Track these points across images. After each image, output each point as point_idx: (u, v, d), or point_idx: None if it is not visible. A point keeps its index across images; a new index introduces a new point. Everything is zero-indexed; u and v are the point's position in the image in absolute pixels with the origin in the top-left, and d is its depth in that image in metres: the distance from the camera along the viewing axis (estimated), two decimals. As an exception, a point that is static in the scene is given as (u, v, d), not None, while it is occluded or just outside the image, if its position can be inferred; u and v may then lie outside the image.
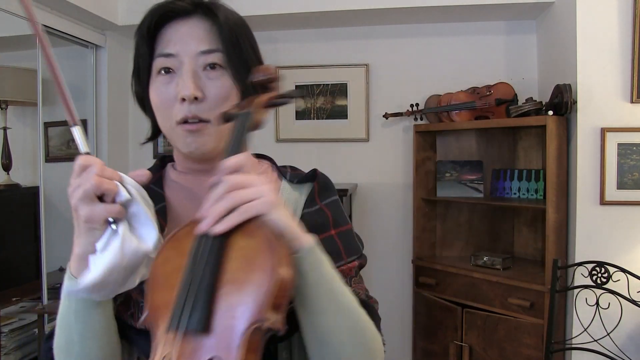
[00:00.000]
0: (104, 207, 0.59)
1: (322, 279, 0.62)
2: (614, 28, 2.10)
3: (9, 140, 2.63)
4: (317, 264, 0.62)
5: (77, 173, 0.60)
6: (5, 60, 2.67)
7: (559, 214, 2.14)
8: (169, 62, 0.71)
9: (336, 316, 0.63)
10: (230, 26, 0.71)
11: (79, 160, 0.61)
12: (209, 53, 0.70)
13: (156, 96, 0.72)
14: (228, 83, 0.71)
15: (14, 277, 2.60)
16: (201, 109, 0.69)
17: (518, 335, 2.14)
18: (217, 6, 0.73)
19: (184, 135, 0.71)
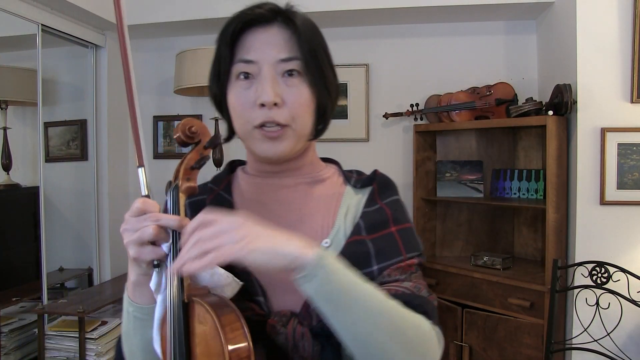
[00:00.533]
0: (152, 251, 0.64)
1: (339, 289, 0.60)
2: (614, 28, 2.10)
3: (9, 140, 2.63)
4: (329, 276, 0.60)
5: (134, 213, 0.65)
6: (5, 60, 2.67)
7: (559, 214, 2.14)
8: (248, 68, 0.74)
9: (366, 322, 0.61)
10: (308, 35, 0.74)
11: (138, 203, 0.65)
12: (287, 61, 0.73)
13: (235, 100, 0.75)
14: (305, 90, 0.74)
15: (14, 277, 2.60)
16: (280, 115, 0.72)
17: (518, 335, 2.14)
18: (295, 14, 0.76)
19: (262, 140, 0.74)
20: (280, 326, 0.70)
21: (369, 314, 0.61)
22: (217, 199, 0.81)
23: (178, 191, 0.67)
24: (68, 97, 2.98)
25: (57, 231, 2.75)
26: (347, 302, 0.61)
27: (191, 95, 2.92)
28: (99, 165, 2.89)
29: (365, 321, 0.61)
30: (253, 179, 0.83)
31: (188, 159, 0.70)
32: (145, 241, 0.63)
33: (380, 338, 0.62)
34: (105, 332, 2.31)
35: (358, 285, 0.63)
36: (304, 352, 0.69)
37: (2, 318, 2.39)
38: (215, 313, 0.60)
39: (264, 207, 0.80)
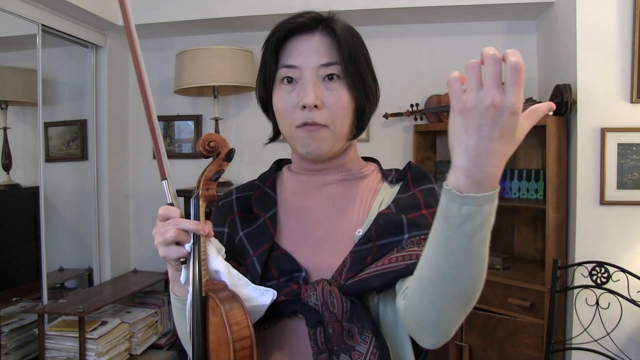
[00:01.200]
0: (176, 250, 0.72)
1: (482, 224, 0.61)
2: (614, 28, 2.10)
3: (9, 140, 2.63)
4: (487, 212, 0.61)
5: (160, 219, 0.74)
6: (5, 60, 2.67)
7: (559, 214, 2.14)
8: (291, 73, 0.80)
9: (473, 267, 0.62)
10: (348, 41, 0.81)
11: (161, 210, 0.74)
12: (328, 65, 0.80)
13: (279, 102, 0.82)
14: (345, 93, 0.80)
15: (14, 277, 2.60)
16: (320, 116, 0.79)
17: (518, 335, 2.14)
18: (335, 22, 0.82)
19: (303, 137, 0.80)
20: (312, 289, 0.76)
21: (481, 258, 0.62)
22: (263, 195, 0.89)
23: (198, 199, 0.76)
24: (68, 97, 2.98)
25: (57, 231, 2.75)
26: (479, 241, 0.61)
27: (191, 95, 2.92)
28: (99, 165, 2.89)
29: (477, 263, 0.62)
30: (297, 177, 0.90)
31: (207, 171, 0.78)
32: (169, 242, 0.71)
33: (472, 282, 0.62)
34: (105, 332, 2.31)
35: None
36: (333, 308, 0.75)
37: (2, 318, 2.39)
38: (223, 307, 0.69)
39: (305, 203, 0.87)
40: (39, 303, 2.43)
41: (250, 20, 2.67)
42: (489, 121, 0.53)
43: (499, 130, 0.53)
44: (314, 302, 0.75)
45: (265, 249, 0.81)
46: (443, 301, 0.63)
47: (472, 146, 0.54)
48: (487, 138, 0.53)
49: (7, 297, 2.45)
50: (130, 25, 0.80)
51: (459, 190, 0.56)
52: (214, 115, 2.72)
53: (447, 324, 0.66)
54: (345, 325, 0.74)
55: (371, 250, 0.77)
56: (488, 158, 0.54)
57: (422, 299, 0.65)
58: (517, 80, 0.53)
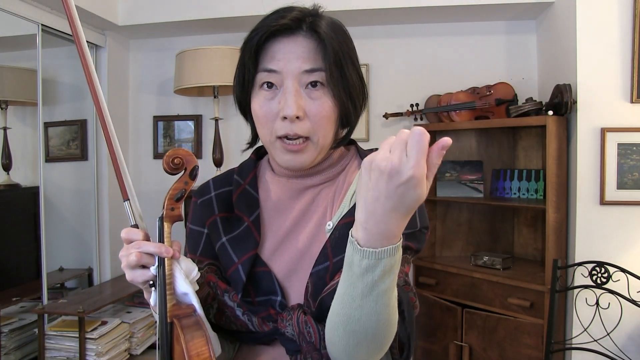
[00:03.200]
0: (141, 274, 0.70)
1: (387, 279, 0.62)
2: (614, 28, 2.10)
3: (9, 140, 2.63)
4: (387, 267, 0.62)
5: (124, 242, 0.72)
6: (5, 60, 2.67)
7: (559, 214, 2.14)
8: (272, 78, 0.75)
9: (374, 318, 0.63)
10: (333, 44, 0.74)
11: (123, 233, 0.72)
12: (311, 72, 0.74)
13: (259, 109, 0.77)
14: (329, 102, 0.75)
15: (14, 277, 2.60)
16: (302, 128, 0.74)
17: (518, 335, 2.14)
18: (320, 20, 0.76)
19: (283, 152, 0.77)
20: (288, 318, 0.74)
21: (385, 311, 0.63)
22: (244, 194, 0.85)
23: (162, 220, 0.73)
24: (68, 97, 2.98)
25: (57, 231, 2.75)
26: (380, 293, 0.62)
27: (191, 95, 2.92)
28: (99, 165, 2.89)
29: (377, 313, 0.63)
30: (278, 178, 0.86)
31: (172, 190, 0.74)
32: (133, 266, 0.69)
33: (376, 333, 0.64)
34: (105, 332, 2.31)
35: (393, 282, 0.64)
36: (310, 337, 0.73)
37: (2, 318, 2.39)
38: (184, 337, 0.68)
39: (284, 205, 0.84)
40: (39, 303, 2.43)
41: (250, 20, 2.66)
42: (387, 183, 0.53)
43: (395, 194, 0.53)
44: (291, 332, 0.74)
45: (250, 256, 0.78)
46: (351, 339, 0.64)
47: (369, 202, 0.55)
48: (382, 197, 0.54)
49: (7, 297, 2.45)
50: (78, 31, 0.80)
51: (359, 243, 0.58)
52: (214, 115, 2.72)
53: (356, 356, 0.67)
54: (323, 352, 0.72)
55: (328, 268, 0.74)
56: (382, 216, 0.55)
57: (332, 334, 0.67)
58: (419, 148, 0.51)
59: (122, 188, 0.74)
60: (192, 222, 0.87)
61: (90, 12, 2.51)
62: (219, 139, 2.71)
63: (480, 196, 2.56)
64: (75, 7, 0.77)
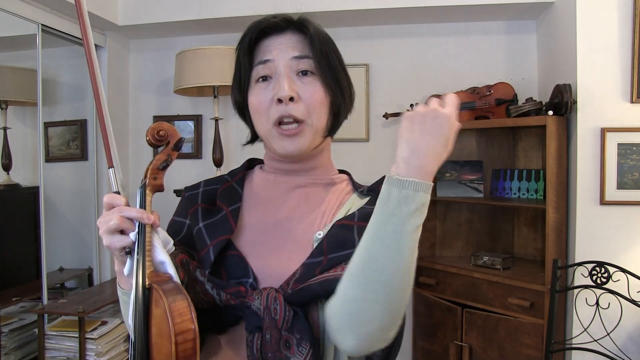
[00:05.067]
0: (120, 239, 0.71)
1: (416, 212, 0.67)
2: (614, 28, 2.10)
3: (9, 140, 2.63)
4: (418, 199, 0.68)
5: (105, 208, 0.73)
6: (5, 60, 2.67)
7: (559, 214, 2.14)
8: (266, 69, 0.81)
9: (401, 249, 0.65)
10: (319, 38, 0.82)
11: (106, 198, 0.73)
12: (301, 59, 0.80)
13: (255, 99, 0.82)
14: (319, 87, 0.81)
15: (14, 277, 2.59)
16: (296, 110, 0.79)
17: (518, 335, 2.14)
18: (307, 22, 0.83)
19: (280, 138, 0.80)
20: (257, 294, 0.75)
21: (409, 248, 0.66)
22: (229, 189, 0.89)
23: (145, 188, 0.75)
24: (68, 97, 2.98)
25: (57, 231, 2.74)
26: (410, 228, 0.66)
27: (191, 95, 2.92)
28: (99, 165, 2.89)
29: (402, 249, 0.65)
30: (266, 175, 0.89)
31: (156, 160, 0.76)
32: (113, 230, 0.70)
33: (401, 269, 0.65)
34: (105, 332, 2.31)
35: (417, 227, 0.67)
36: (275, 314, 0.73)
37: (2, 318, 2.39)
38: (167, 299, 0.67)
39: (270, 202, 0.86)
40: (39, 303, 2.43)
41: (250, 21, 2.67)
42: (429, 120, 0.66)
43: (438, 134, 0.66)
44: (257, 306, 0.74)
45: (223, 239, 0.80)
46: (367, 290, 0.65)
47: (413, 140, 0.66)
48: (426, 136, 0.66)
49: (7, 297, 2.45)
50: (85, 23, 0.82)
51: (399, 176, 0.65)
52: (214, 115, 2.72)
53: (368, 320, 0.66)
54: (284, 334, 0.73)
55: (321, 262, 0.76)
56: (425, 150, 0.66)
57: (346, 287, 0.67)
58: (455, 104, 0.69)
59: (107, 156, 0.76)
60: (176, 215, 0.90)
61: (90, 12, 2.50)
62: (219, 139, 2.71)
63: (480, 196, 2.56)
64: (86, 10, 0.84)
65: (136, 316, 0.70)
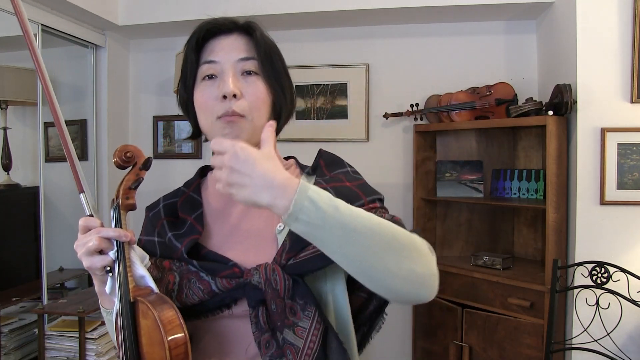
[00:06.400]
0: (100, 259, 0.74)
1: (325, 219, 0.65)
2: (614, 28, 2.10)
3: (9, 140, 2.63)
4: (312, 216, 0.65)
5: (81, 231, 0.76)
6: (5, 60, 2.67)
7: (559, 214, 2.14)
8: (212, 69, 0.84)
9: (358, 243, 0.66)
10: (264, 42, 0.86)
11: (81, 221, 0.77)
12: (246, 60, 0.84)
13: (200, 96, 0.85)
14: (262, 87, 0.84)
15: (14, 277, 2.59)
16: (239, 106, 0.82)
17: (518, 335, 2.14)
18: (253, 26, 0.87)
19: (223, 127, 0.82)
20: (254, 270, 0.78)
21: (360, 231, 0.66)
22: (188, 199, 0.92)
23: (119, 209, 0.79)
24: (68, 97, 2.98)
25: (57, 231, 2.74)
26: (336, 226, 0.65)
27: (191, 95, 2.92)
28: (99, 165, 2.89)
29: (357, 241, 0.66)
30: None
31: (126, 180, 0.80)
32: (92, 251, 0.74)
33: (378, 250, 0.67)
34: (105, 332, 2.31)
35: (342, 206, 0.67)
36: (276, 285, 0.76)
37: (2, 318, 2.39)
38: (155, 310, 0.71)
39: (227, 204, 0.89)
40: (39, 303, 2.43)
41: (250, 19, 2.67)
42: (240, 167, 0.67)
43: (246, 169, 0.67)
44: (257, 280, 0.76)
45: (193, 239, 0.83)
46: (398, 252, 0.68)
47: (251, 188, 0.67)
48: (250, 176, 0.67)
49: (7, 297, 2.45)
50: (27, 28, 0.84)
51: (283, 217, 0.66)
52: (214, 115, 2.72)
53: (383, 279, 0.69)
54: (287, 302, 0.76)
55: None
56: (264, 182, 0.66)
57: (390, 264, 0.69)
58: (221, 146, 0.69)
59: (77, 181, 0.80)
60: (144, 235, 0.93)
61: (90, 12, 2.51)
62: (219, 139, 2.71)
63: (480, 196, 2.57)
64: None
65: (124, 330, 0.73)
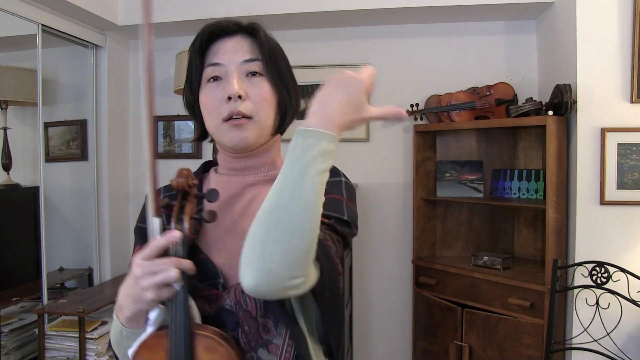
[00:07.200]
0: (168, 291, 0.71)
1: (301, 156, 0.68)
2: (614, 28, 2.10)
3: (9, 140, 2.63)
4: (303, 146, 0.68)
5: (148, 257, 0.71)
6: (5, 60, 2.67)
7: (559, 214, 2.14)
8: (217, 71, 0.85)
9: (296, 201, 0.67)
10: (269, 43, 0.87)
11: (163, 240, 0.72)
12: (250, 62, 0.85)
13: (206, 98, 0.86)
14: (267, 87, 0.85)
15: (14, 277, 2.60)
16: (244, 107, 0.83)
17: (518, 335, 2.14)
18: (257, 27, 0.88)
19: (229, 130, 0.83)
20: (227, 294, 0.79)
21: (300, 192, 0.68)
22: None
23: (188, 244, 0.76)
24: (68, 97, 2.98)
25: (57, 231, 2.74)
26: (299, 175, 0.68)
27: (191, 95, 2.92)
28: (99, 165, 2.89)
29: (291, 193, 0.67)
30: (220, 177, 0.92)
31: (189, 208, 0.78)
32: (167, 283, 0.70)
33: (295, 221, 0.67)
34: (106, 332, 2.31)
35: (311, 171, 0.69)
36: (246, 306, 0.77)
37: (2, 318, 2.39)
38: (228, 344, 0.72)
39: (226, 204, 0.89)
40: (39, 303, 2.43)
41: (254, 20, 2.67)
42: (341, 83, 0.72)
43: (346, 92, 0.71)
44: (229, 304, 0.78)
45: (191, 238, 0.83)
46: (270, 229, 0.67)
47: (323, 97, 0.71)
48: (335, 94, 0.71)
49: (7, 297, 2.45)
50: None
51: (305, 126, 0.69)
52: (214, 115, 2.72)
53: (268, 258, 0.66)
54: (260, 320, 0.78)
55: None
56: (332, 105, 0.70)
57: (252, 229, 0.69)
58: (370, 73, 0.75)
59: (155, 203, 0.77)
60: (140, 221, 0.92)
61: (90, 12, 2.51)
62: (219, 139, 2.71)
63: (480, 196, 2.57)
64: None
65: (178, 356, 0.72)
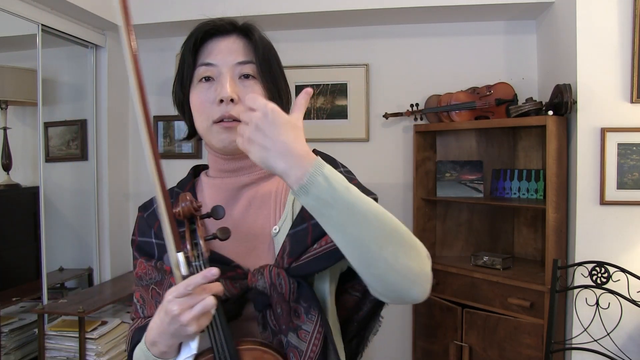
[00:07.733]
0: (207, 318, 0.70)
1: (335, 197, 0.65)
2: (614, 28, 2.10)
3: (9, 140, 2.63)
4: (322, 188, 0.64)
5: (190, 289, 0.68)
6: (5, 60, 2.67)
7: (559, 214, 2.14)
8: (209, 71, 0.83)
9: (362, 226, 0.66)
10: (263, 45, 0.86)
11: (198, 279, 0.68)
12: (244, 64, 0.83)
13: (197, 99, 0.84)
14: (260, 91, 0.84)
15: (14, 277, 2.60)
16: (236, 110, 0.81)
17: (518, 335, 2.14)
18: (252, 28, 0.87)
19: (219, 132, 0.82)
20: (258, 274, 0.78)
21: (368, 216, 0.66)
22: None
23: (205, 262, 0.74)
24: (68, 97, 2.98)
25: (57, 231, 2.74)
26: (345, 207, 0.65)
27: (191, 95, 2.92)
28: (99, 165, 2.89)
29: (364, 223, 0.66)
30: (213, 181, 0.91)
31: (202, 232, 0.76)
32: (205, 312, 0.68)
33: (380, 238, 0.67)
34: (105, 332, 2.31)
35: (351, 189, 0.67)
36: (281, 289, 0.77)
37: (2, 318, 2.39)
38: (271, 349, 0.73)
39: (227, 206, 0.87)
40: (39, 303, 2.43)
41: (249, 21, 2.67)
42: (270, 125, 0.66)
43: (276, 129, 0.66)
44: (262, 285, 0.77)
45: None
46: (403, 248, 0.72)
47: (273, 149, 0.67)
48: (276, 140, 0.66)
49: (7, 297, 2.45)
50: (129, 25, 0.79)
51: (293, 187, 0.66)
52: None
53: (411, 268, 0.73)
54: (292, 305, 0.77)
55: (307, 230, 0.79)
56: (286, 147, 0.66)
57: (391, 260, 0.71)
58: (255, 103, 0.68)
59: (175, 238, 0.73)
60: (139, 235, 0.90)
61: (90, 12, 2.50)
62: (219, 139, 2.71)
63: (480, 196, 2.57)
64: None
65: None
